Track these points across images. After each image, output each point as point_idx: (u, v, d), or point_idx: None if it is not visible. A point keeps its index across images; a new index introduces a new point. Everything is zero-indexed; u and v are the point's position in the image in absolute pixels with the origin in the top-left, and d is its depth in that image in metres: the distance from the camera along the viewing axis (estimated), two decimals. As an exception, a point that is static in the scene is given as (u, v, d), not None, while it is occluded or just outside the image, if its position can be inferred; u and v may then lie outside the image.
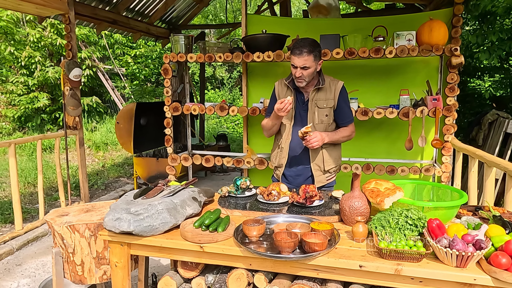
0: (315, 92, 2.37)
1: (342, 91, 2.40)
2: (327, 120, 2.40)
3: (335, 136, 2.40)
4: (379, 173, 3.41)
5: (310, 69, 2.25)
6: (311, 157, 2.42)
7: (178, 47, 3.82)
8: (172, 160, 3.88)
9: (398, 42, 3.24)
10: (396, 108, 3.31)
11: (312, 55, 2.22)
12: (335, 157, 2.49)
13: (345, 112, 2.43)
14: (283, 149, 2.48)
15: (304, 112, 2.41)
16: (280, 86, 2.51)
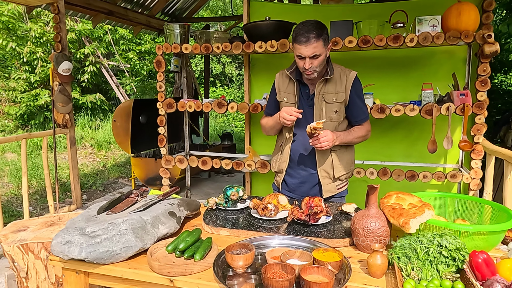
0: (322, 84, 1.98)
1: (355, 83, 2.00)
2: (337, 117, 2.00)
3: (348, 136, 2.00)
4: (398, 179, 2.99)
5: (321, 57, 1.87)
6: (318, 162, 2.03)
7: (173, 37, 3.45)
8: (166, 162, 3.52)
9: (421, 29, 2.81)
10: (417, 104, 2.89)
11: (321, 40, 1.83)
12: (347, 162, 2.09)
13: (359, 108, 2.03)
14: (284, 151, 2.10)
15: (309, 107, 2.02)
16: (281, 78, 2.13)
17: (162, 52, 3.38)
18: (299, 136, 2.05)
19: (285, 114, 1.90)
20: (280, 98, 2.09)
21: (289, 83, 2.07)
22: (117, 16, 5.14)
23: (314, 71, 1.91)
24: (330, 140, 1.87)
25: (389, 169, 3.01)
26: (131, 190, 1.86)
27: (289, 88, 2.06)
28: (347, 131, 2.03)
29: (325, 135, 1.87)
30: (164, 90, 3.44)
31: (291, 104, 2.05)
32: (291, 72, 2.05)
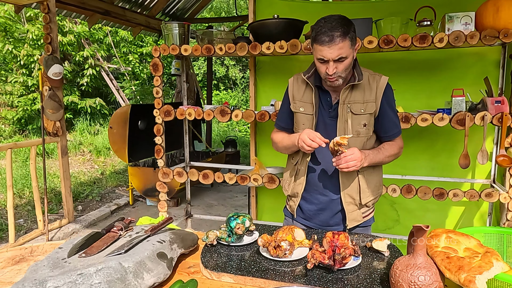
0: (348, 91, 1.65)
1: (386, 91, 1.67)
2: (366, 131, 1.67)
3: (378, 155, 1.67)
4: (424, 197, 2.64)
5: (347, 60, 1.54)
6: (341, 184, 1.70)
7: (171, 37, 3.13)
8: (164, 176, 3.19)
9: (451, 27, 2.47)
10: (446, 113, 2.54)
11: (348, 39, 1.50)
12: (375, 185, 1.76)
13: (391, 121, 1.70)
14: (300, 171, 1.76)
15: (331, 120, 1.68)
16: (296, 84, 1.79)
17: (159, 54, 3.06)
18: (319, 153, 1.72)
19: (306, 138, 1.57)
20: (295, 108, 1.76)
21: (306, 89, 1.73)
22: (114, 16, 4.83)
23: (338, 77, 1.57)
24: (357, 160, 1.54)
25: (413, 186, 2.67)
26: (113, 223, 1.53)
27: (306, 96, 1.72)
28: (376, 149, 1.70)
29: (352, 154, 1.53)
30: (162, 96, 3.12)
31: (308, 115, 1.71)
32: (309, 76, 1.71)
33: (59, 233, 3.82)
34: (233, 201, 5.03)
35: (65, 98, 8.78)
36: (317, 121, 1.70)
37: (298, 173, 1.77)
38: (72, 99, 8.76)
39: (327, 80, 1.60)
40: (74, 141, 8.39)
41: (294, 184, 1.79)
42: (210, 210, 4.70)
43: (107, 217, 4.46)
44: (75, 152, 7.98)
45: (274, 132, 1.90)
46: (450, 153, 3.12)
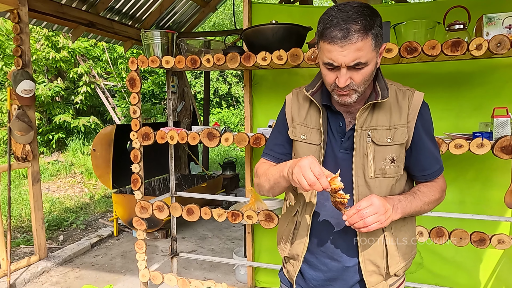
0: (367, 112, 1.18)
1: (423, 112, 1.20)
2: (394, 170, 1.18)
3: (413, 203, 1.18)
4: (459, 243, 2.11)
5: (368, 68, 1.08)
6: (360, 246, 1.20)
7: (153, 48, 2.68)
8: (141, 210, 2.69)
9: (491, 31, 1.99)
10: (486, 137, 2.03)
11: (370, 37, 1.04)
12: (407, 245, 1.25)
13: (430, 154, 1.22)
14: (301, 225, 1.26)
15: (344, 153, 1.20)
16: (296, 102, 1.31)
17: (136, 67, 2.61)
18: (327, 198, 1.21)
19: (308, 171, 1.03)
20: (295, 135, 1.28)
21: (310, 110, 1.26)
22: (100, 28, 4.42)
23: (353, 91, 1.10)
24: (379, 213, 1.05)
25: (445, 228, 2.13)
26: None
27: (310, 118, 1.25)
28: (409, 194, 1.20)
29: (369, 205, 1.04)
30: (140, 117, 2.64)
31: (313, 145, 1.23)
32: (314, 92, 1.23)
33: (26, 273, 3.30)
34: (229, 232, 4.50)
35: (57, 117, 8.39)
36: (324, 153, 1.21)
37: (298, 228, 1.26)
38: (64, 118, 8.35)
39: (335, 93, 1.12)
40: (65, 162, 7.93)
41: (292, 241, 1.28)
42: (202, 243, 4.17)
43: (86, 252, 3.94)
44: (65, 174, 7.52)
45: (259, 163, 1.37)
46: (484, 184, 2.60)
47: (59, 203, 5.85)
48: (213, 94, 14.10)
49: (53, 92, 8.18)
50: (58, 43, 8.10)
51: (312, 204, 1.23)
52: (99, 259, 3.78)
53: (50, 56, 7.90)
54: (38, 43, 8.07)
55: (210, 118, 12.82)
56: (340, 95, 1.12)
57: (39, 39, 8.10)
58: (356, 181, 1.17)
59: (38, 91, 7.96)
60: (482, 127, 2.22)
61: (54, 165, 7.82)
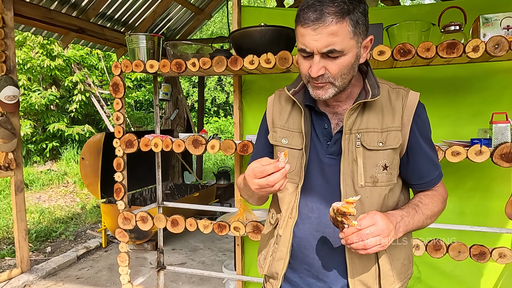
0: (356, 113, 1.07)
1: (419, 113, 1.09)
2: (387, 178, 1.07)
3: (416, 218, 1.06)
4: (457, 257, 1.98)
5: (346, 58, 0.97)
6: (349, 265, 1.06)
7: (138, 52, 2.58)
8: (124, 221, 2.56)
9: (488, 32, 1.89)
10: (485, 144, 1.92)
11: (348, 22, 0.94)
12: (402, 263, 1.12)
13: (428, 160, 1.11)
14: (282, 239, 1.13)
15: (331, 159, 1.09)
16: (278, 104, 1.20)
17: (120, 71, 2.50)
18: (311, 209, 1.09)
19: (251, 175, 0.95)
20: (275, 139, 1.16)
21: (293, 111, 1.15)
22: (90, 35, 4.34)
23: (328, 84, 1.00)
24: (382, 235, 0.92)
25: (443, 241, 2.01)
26: None
27: (293, 120, 1.14)
28: (411, 207, 1.07)
29: (372, 225, 0.92)
30: (123, 123, 2.53)
31: (295, 150, 1.11)
32: (296, 91, 1.13)
33: (6, 287, 3.16)
34: (222, 244, 4.35)
35: (51, 125, 8.29)
36: (306, 162, 1.09)
37: (278, 243, 1.13)
38: (59, 127, 8.24)
39: (310, 86, 1.02)
40: (58, 171, 7.81)
41: (272, 259, 1.15)
42: (193, 255, 4.02)
43: (72, 264, 3.80)
44: (58, 183, 7.38)
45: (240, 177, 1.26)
46: (484, 193, 2.47)
47: (49, 213, 5.71)
48: (211, 103, 14.04)
49: (47, 101, 8.09)
50: (53, 51, 8.04)
51: (294, 216, 1.10)
52: (85, 272, 3.64)
53: (45, 64, 7.83)
54: (33, 51, 8.00)
55: (208, 127, 12.73)
56: (314, 88, 1.01)
57: (34, 47, 8.04)
58: (344, 190, 1.05)
59: (32, 99, 7.88)
60: (481, 133, 2.10)
61: (47, 174, 7.70)
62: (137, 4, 4.79)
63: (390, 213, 1.01)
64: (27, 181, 7.01)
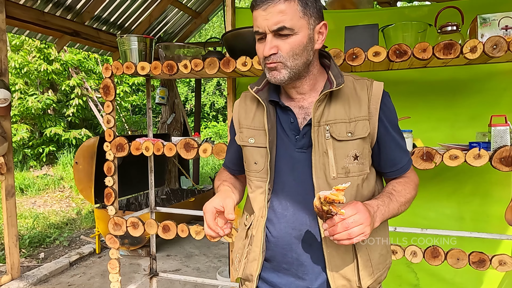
0: (323, 104, 1.07)
1: (385, 101, 1.10)
2: (359, 168, 1.07)
3: (391, 206, 1.06)
4: (456, 264, 1.92)
5: (297, 37, 1.00)
6: (327, 260, 1.05)
7: (130, 54, 2.53)
8: (115, 227, 2.49)
9: (486, 33, 1.84)
10: (483, 147, 1.86)
11: (296, 2, 0.99)
12: (380, 253, 1.13)
13: (398, 147, 1.13)
14: (255, 240, 1.11)
15: (301, 153, 1.09)
16: (243, 104, 1.20)
17: (111, 73, 2.45)
18: (284, 205, 1.09)
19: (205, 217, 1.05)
20: (242, 139, 1.16)
21: (257, 110, 1.13)
22: (85, 38, 4.30)
23: (280, 64, 1.01)
24: (365, 224, 0.92)
25: (441, 248, 1.94)
26: None
27: (258, 119, 1.12)
28: (385, 195, 1.07)
29: (355, 213, 0.91)
30: (114, 126, 2.48)
31: (262, 148, 1.10)
32: (260, 89, 1.12)
33: (-4, 294, 3.09)
34: (217, 250, 4.28)
35: (48, 129, 8.23)
36: (276, 156, 1.09)
37: (251, 244, 1.12)
38: (56, 131, 8.19)
39: (266, 69, 1.04)
40: (55, 176, 7.74)
41: (246, 260, 1.13)
42: (188, 261, 3.95)
43: (64, 271, 3.72)
44: (54, 188, 7.32)
45: (218, 173, 1.32)
46: (483, 199, 2.42)
47: (43, 218, 5.64)
48: (210, 108, 14.00)
49: (44, 105, 8.04)
50: (50, 55, 8.01)
51: (264, 215, 1.09)
52: (77, 278, 3.57)
53: (42, 68, 7.79)
54: (30, 55, 7.97)
55: (206, 132, 12.68)
56: (269, 69, 1.03)
57: (31, 51, 8.00)
58: (317, 183, 1.04)
59: (28, 103, 7.83)
60: (480, 137, 2.05)
61: (43, 179, 7.63)
62: (133, 7, 4.76)
63: (367, 203, 1.01)
64: (22, 186, 6.95)
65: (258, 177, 1.10)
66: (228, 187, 1.16)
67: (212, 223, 1.01)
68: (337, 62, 1.93)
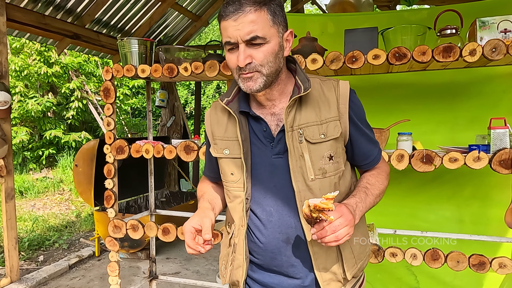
0: (294, 110, 1.10)
1: (353, 99, 1.14)
2: (334, 167, 1.12)
3: (367, 200, 1.12)
4: (456, 267, 1.91)
5: (270, 45, 1.02)
6: (313, 258, 1.11)
7: (130, 57, 2.54)
8: (114, 230, 2.49)
9: (485, 36, 1.85)
10: (483, 150, 1.86)
11: (266, 11, 1.01)
12: (361, 242, 1.20)
13: (368, 140, 1.18)
14: (237, 247, 1.16)
15: (278, 159, 1.11)
16: (215, 115, 1.22)
17: (111, 76, 2.46)
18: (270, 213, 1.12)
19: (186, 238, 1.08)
20: (217, 151, 1.19)
21: (229, 121, 1.16)
22: (85, 41, 4.31)
23: (257, 73, 1.04)
24: (350, 225, 0.97)
25: (441, 251, 1.94)
26: None
27: (231, 129, 1.15)
28: (361, 191, 1.12)
29: (341, 216, 0.96)
30: (114, 129, 2.48)
31: (237, 159, 1.13)
32: (230, 100, 1.14)
33: (-5, 297, 3.09)
34: (217, 253, 4.22)
35: (48, 132, 8.23)
36: (254, 165, 1.12)
37: (235, 251, 1.16)
38: (55, 134, 8.19)
39: (240, 80, 1.05)
40: (54, 178, 7.74)
41: (232, 267, 1.17)
42: (188, 264, 3.95)
43: (63, 274, 3.72)
44: (53, 191, 7.31)
45: (200, 182, 1.36)
46: (483, 201, 2.43)
47: (42, 221, 5.63)
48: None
49: (43, 107, 8.05)
50: (50, 58, 8.02)
51: (244, 224, 1.13)
52: (76, 281, 3.56)
53: (42, 71, 7.81)
54: (30, 58, 7.98)
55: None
56: (244, 80, 1.04)
57: (31, 54, 8.02)
58: (296, 186, 1.08)
59: (28, 106, 7.84)
60: (479, 139, 2.05)
61: (43, 181, 7.63)
62: (134, 10, 4.77)
63: (347, 203, 1.04)
64: (22, 189, 6.94)
65: (236, 187, 1.14)
66: (207, 204, 1.19)
67: (192, 242, 1.05)
68: (336, 65, 1.94)
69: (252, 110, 1.13)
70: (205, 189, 1.29)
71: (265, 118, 1.12)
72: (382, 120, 2.14)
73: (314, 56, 1.97)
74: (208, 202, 1.20)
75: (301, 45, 2.10)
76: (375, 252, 2.01)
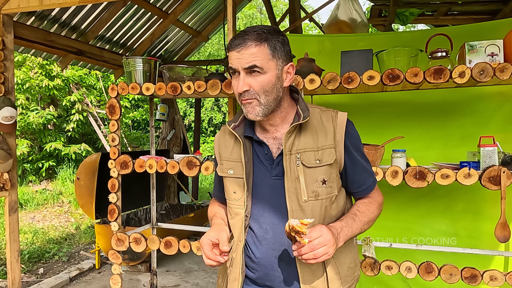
0: (294, 135, 1.21)
1: (349, 130, 1.24)
2: (327, 191, 1.20)
3: (354, 225, 1.20)
4: (449, 280, 1.98)
5: (266, 76, 1.14)
6: (301, 275, 1.19)
7: (135, 75, 2.64)
8: (117, 243, 2.55)
9: (473, 59, 1.95)
10: (473, 167, 1.95)
11: (266, 46, 1.14)
12: (348, 266, 1.26)
13: (363, 169, 1.27)
14: (234, 261, 1.25)
15: (277, 180, 1.22)
16: (223, 138, 1.34)
17: (116, 93, 2.55)
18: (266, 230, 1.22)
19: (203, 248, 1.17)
20: (222, 171, 1.30)
21: (235, 144, 1.27)
22: (89, 57, 4.41)
23: (254, 100, 1.16)
24: (329, 245, 1.07)
25: (434, 264, 2.01)
26: None
27: (236, 152, 1.26)
28: (349, 216, 1.21)
29: (319, 236, 1.05)
30: (119, 144, 2.56)
31: (240, 179, 1.23)
32: (237, 125, 1.26)
33: (-3, 310, 3.12)
34: (216, 265, 4.31)
35: (48, 144, 8.30)
36: (255, 185, 1.22)
37: (232, 265, 1.25)
38: (55, 146, 8.25)
39: (242, 105, 1.18)
40: (54, 191, 7.77)
41: (228, 281, 1.26)
42: (187, 277, 3.99)
43: (64, 286, 3.75)
44: (53, 203, 7.34)
45: (210, 204, 1.47)
46: (475, 215, 2.50)
47: (42, 233, 5.66)
48: (208, 123, 14.11)
49: (44, 120, 8.13)
50: (52, 71, 8.13)
51: (242, 239, 1.22)
52: (77, 294, 3.60)
53: (44, 84, 7.91)
54: (32, 71, 8.09)
55: (205, 147, 12.76)
56: (244, 105, 1.16)
57: (33, 67, 8.13)
58: (290, 206, 1.18)
59: (30, 118, 7.91)
60: (470, 156, 2.15)
61: (42, 193, 7.66)
62: (136, 27, 4.89)
63: (331, 226, 1.14)
64: (21, 201, 6.97)
65: (237, 205, 1.24)
66: (221, 220, 1.29)
67: (211, 254, 1.14)
68: (333, 85, 2.04)
69: (256, 134, 1.25)
70: (216, 210, 1.39)
71: (267, 142, 1.23)
72: (377, 137, 2.23)
73: (312, 76, 2.07)
74: (221, 219, 1.30)
75: (300, 65, 2.20)
76: (371, 265, 2.08)
